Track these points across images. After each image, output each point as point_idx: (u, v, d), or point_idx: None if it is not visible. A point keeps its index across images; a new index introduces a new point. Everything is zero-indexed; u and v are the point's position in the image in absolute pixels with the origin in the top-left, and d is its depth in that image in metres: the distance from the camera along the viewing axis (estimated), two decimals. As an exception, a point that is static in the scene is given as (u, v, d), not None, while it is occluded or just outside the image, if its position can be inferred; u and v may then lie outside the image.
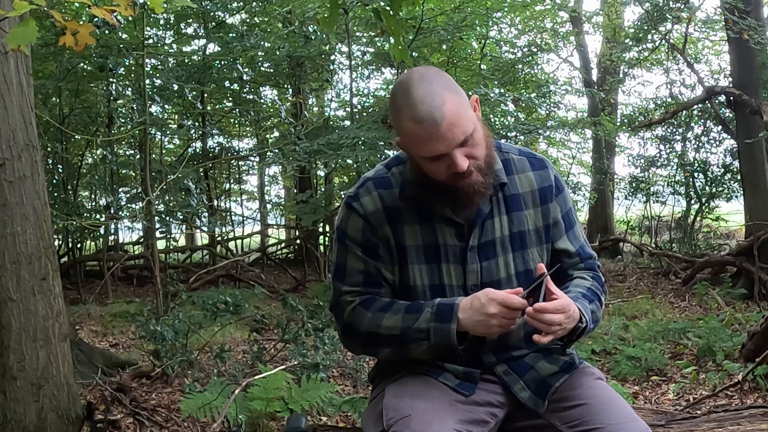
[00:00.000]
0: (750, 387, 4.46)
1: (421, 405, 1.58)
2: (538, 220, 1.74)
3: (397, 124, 1.58)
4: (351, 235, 1.71)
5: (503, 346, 1.72)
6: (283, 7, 9.90)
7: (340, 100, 13.50)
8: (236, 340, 6.54)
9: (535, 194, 1.74)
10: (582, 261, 1.81)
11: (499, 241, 1.70)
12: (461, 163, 1.55)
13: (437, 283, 1.68)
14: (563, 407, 1.66)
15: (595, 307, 1.71)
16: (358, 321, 1.69)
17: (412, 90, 1.54)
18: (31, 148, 3.25)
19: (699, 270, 9.35)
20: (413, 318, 1.63)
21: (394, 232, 1.69)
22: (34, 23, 2.14)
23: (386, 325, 1.65)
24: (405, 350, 1.68)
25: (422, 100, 1.52)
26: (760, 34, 8.64)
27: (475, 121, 1.59)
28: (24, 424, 3.14)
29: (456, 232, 1.68)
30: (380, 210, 1.69)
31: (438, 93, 1.53)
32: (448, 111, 1.52)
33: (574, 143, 14.69)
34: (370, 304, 1.69)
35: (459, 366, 1.69)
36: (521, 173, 1.75)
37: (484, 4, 9.64)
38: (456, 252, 1.68)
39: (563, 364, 1.74)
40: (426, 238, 1.68)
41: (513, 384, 1.70)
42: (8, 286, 3.14)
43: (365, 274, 1.71)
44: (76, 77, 9.60)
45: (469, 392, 1.66)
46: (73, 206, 10.08)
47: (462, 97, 1.58)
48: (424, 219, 1.69)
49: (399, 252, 1.69)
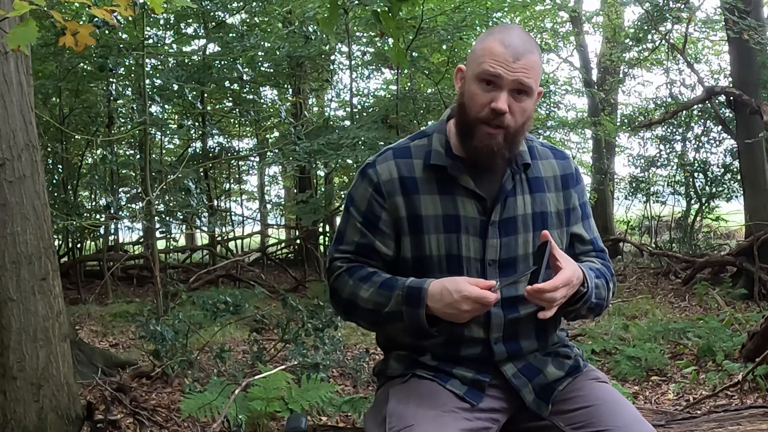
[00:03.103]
0: (750, 387, 4.46)
1: (425, 414, 1.57)
2: (559, 204, 1.75)
3: (480, 44, 1.64)
4: (357, 204, 1.73)
5: (513, 334, 1.70)
6: (283, 7, 9.90)
7: (340, 100, 13.52)
8: (236, 340, 6.54)
9: (557, 179, 1.76)
10: (594, 251, 1.81)
11: (521, 218, 1.69)
12: (502, 103, 1.58)
13: (455, 254, 1.66)
14: (567, 409, 1.66)
15: (601, 284, 1.70)
16: (341, 287, 1.71)
17: (514, 29, 1.65)
18: (31, 148, 3.25)
19: (699, 270, 9.36)
20: (386, 297, 1.63)
21: (407, 202, 1.68)
22: (34, 23, 2.14)
23: (363, 297, 1.67)
24: (382, 328, 1.71)
25: (518, 37, 1.61)
26: (760, 34, 8.64)
27: (535, 93, 1.64)
28: (24, 424, 3.14)
29: (478, 206, 1.68)
30: (395, 179, 1.69)
31: (532, 44, 1.63)
32: (531, 59, 1.60)
33: (574, 143, 14.68)
34: (354, 272, 1.70)
35: (468, 372, 1.67)
36: (544, 159, 1.77)
37: (484, 4, 9.64)
38: (477, 225, 1.67)
39: (569, 368, 1.74)
40: (446, 209, 1.67)
41: (522, 387, 1.69)
42: (8, 286, 3.14)
43: (358, 245, 1.72)
44: (76, 77, 9.60)
45: (476, 401, 1.64)
46: (73, 206, 10.08)
47: (541, 67, 1.67)
48: (445, 190, 1.68)
49: (412, 222, 1.68)
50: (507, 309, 1.67)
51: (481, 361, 1.69)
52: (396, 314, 1.62)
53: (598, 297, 1.68)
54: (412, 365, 1.72)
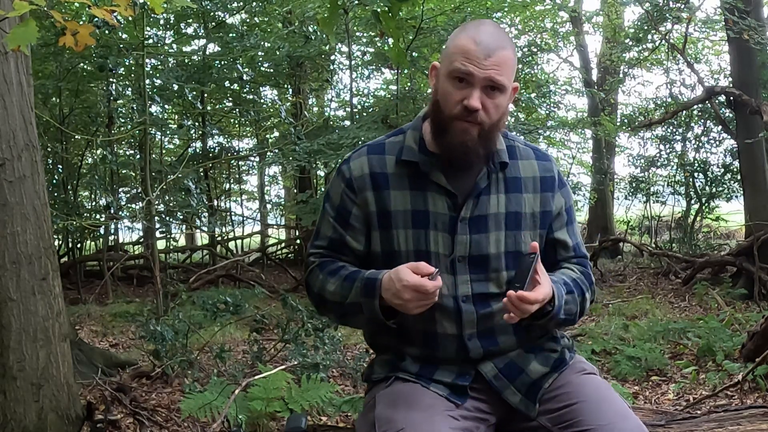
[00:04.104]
0: (750, 387, 4.46)
1: (415, 416, 1.56)
2: (536, 206, 1.74)
3: (452, 41, 1.65)
4: (332, 199, 1.76)
5: (488, 331, 1.69)
6: (283, 7, 9.90)
7: (340, 100, 13.52)
8: (236, 340, 6.54)
9: (536, 181, 1.76)
10: (576, 257, 1.81)
11: (493, 217, 1.69)
12: (475, 100, 1.59)
13: (423, 249, 1.67)
14: (554, 408, 1.64)
15: (571, 298, 1.69)
16: (313, 281, 1.74)
17: (486, 25, 1.66)
18: (31, 148, 3.24)
19: (699, 270, 9.35)
20: (348, 289, 1.65)
21: (377, 197, 1.70)
22: (34, 23, 2.14)
23: (329, 290, 1.69)
24: (346, 320, 1.74)
25: (489, 33, 1.62)
26: (760, 34, 8.64)
27: (509, 89, 1.65)
28: (24, 424, 3.14)
29: (449, 202, 1.68)
30: (366, 175, 1.72)
31: (504, 39, 1.64)
32: (502, 54, 1.60)
33: (574, 143, 14.69)
34: (325, 266, 1.73)
35: (447, 378, 1.67)
36: (525, 160, 1.77)
37: (484, 4, 9.65)
38: (446, 221, 1.67)
39: (554, 362, 1.72)
40: (415, 204, 1.68)
41: (503, 389, 1.68)
42: (8, 286, 3.14)
43: (330, 240, 1.75)
44: (76, 77, 9.61)
45: (461, 401, 1.65)
46: (73, 206, 10.09)
47: (515, 63, 1.66)
48: (416, 186, 1.69)
49: (382, 217, 1.70)
50: (479, 305, 1.67)
51: (459, 362, 1.68)
52: (356, 305, 1.64)
53: (567, 313, 1.68)
54: (394, 369, 1.72)
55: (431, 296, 1.55)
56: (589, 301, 1.78)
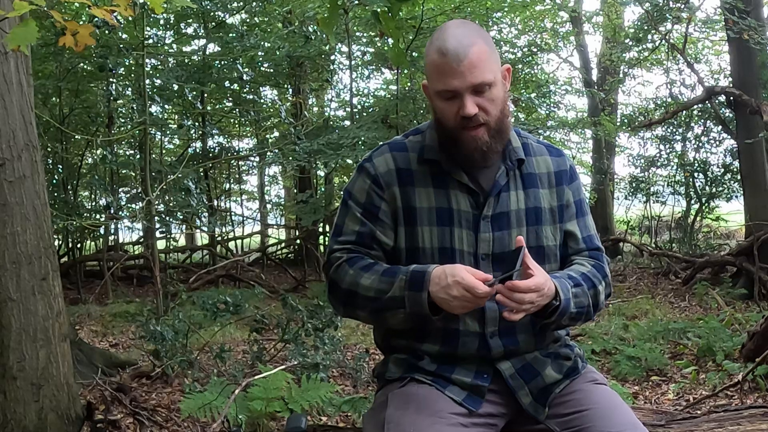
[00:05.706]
0: (750, 387, 4.46)
1: (423, 422, 1.56)
2: (553, 200, 1.75)
3: (426, 59, 1.65)
4: (355, 197, 1.74)
5: (509, 329, 1.68)
6: (283, 7, 9.90)
7: (340, 100, 13.52)
8: (236, 340, 6.54)
9: (551, 176, 1.77)
10: (587, 250, 1.80)
11: (514, 213, 1.70)
12: (470, 108, 1.59)
13: (447, 246, 1.67)
14: (564, 413, 1.65)
15: (581, 291, 1.67)
16: (341, 277, 1.69)
17: (448, 29, 1.63)
18: (31, 148, 3.24)
19: (699, 270, 9.35)
20: (388, 283, 1.62)
21: (403, 193, 1.70)
22: (34, 23, 2.14)
23: (364, 285, 1.65)
24: (382, 317, 1.68)
25: (454, 36, 1.59)
26: (760, 34, 8.64)
27: (499, 78, 1.63)
28: (24, 424, 3.14)
29: (471, 200, 1.69)
30: (392, 170, 1.72)
31: (470, 36, 1.61)
32: (474, 53, 1.58)
33: (574, 143, 14.67)
34: (355, 261, 1.69)
35: (467, 377, 1.67)
36: (539, 156, 1.78)
37: (484, 4, 9.65)
38: (469, 219, 1.68)
39: (567, 370, 1.73)
40: (439, 201, 1.69)
41: (518, 389, 1.68)
42: (8, 286, 3.14)
43: (359, 234, 1.71)
44: (76, 77, 9.61)
45: (475, 407, 1.64)
46: (73, 206, 10.09)
47: (492, 50, 1.64)
48: (439, 184, 1.70)
49: (407, 214, 1.70)
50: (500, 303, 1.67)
51: (479, 360, 1.69)
52: (398, 300, 1.61)
53: (578, 306, 1.66)
54: (410, 369, 1.71)
55: (479, 301, 1.54)
56: (605, 294, 1.76)
